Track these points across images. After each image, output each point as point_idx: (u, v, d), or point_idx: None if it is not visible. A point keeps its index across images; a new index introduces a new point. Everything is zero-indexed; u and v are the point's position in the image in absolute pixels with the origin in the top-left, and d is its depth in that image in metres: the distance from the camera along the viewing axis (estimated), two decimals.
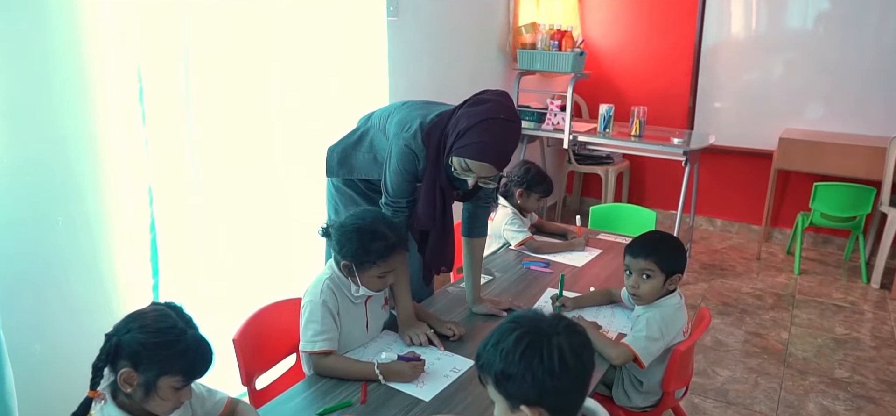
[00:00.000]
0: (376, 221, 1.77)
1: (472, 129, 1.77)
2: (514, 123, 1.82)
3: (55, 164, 1.78)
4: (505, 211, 2.83)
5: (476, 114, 1.79)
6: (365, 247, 1.73)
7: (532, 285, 2.41)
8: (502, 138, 1.78)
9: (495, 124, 1.77)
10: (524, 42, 4.28)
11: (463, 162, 1.79)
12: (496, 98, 1.84)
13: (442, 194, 1.92)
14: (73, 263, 1.86)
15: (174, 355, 1.26)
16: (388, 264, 1.77)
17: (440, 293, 2.31)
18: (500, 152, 1.79)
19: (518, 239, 2.76)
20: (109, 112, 1.89)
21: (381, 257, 1.74)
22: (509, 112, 1.82)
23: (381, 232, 1.74)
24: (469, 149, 1.77)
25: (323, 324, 1.76)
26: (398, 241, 1.76)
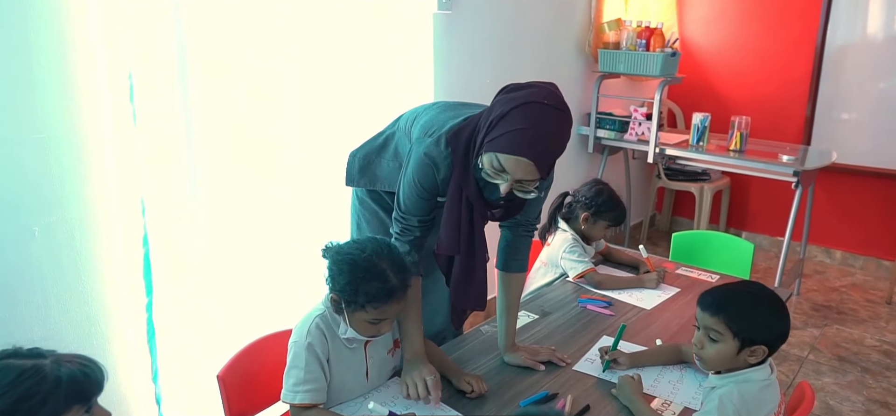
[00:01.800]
0: (379, 255, 1.45)
1: (506, 116, 1.40)
2: (561, 112, 1.42)
3: (32, 168, 1.61)
4: (564, 236, 2.42)
5: (512, 100, 1.42)
6: (355, 285, 1.42)
7: (586, 330, 1.99)
8: (545, 127, 1.39)
9: (536, 110, 1.39)
10: (607, 41, 3.81)
11: (495, 159, 1.42)
12: (540, 84, 1.47)
13: (469, 210, 1.55)
14: (53, 278, 1.68)
15: (42, 401, 1.02)
16: (382, 312, 1.45)
17: (471, 332, 1.96)
18: (542, 144, 1.38)
19: (577, 271, 2.34)
20: (96, 112, 1.70)
21: (372, 301, 1.42)
22: (555, 99, 1.43)
23: (380, 271, 1.42)
24: (501, 140, 1.39)
25: (307, 372, 1.47)
26: (399, 287, 1.44)
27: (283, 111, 2.11)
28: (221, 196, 1.99)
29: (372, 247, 1.46)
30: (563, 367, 1.75)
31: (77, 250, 1.71)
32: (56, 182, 1.65)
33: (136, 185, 1.79)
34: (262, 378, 1.67)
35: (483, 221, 1.60)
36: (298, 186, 2.22)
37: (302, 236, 2.22)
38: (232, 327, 2.05)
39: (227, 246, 2.03)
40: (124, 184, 1.78)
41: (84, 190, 1.70)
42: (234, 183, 2.02)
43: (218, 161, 1.97)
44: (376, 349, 1.61)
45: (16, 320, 1.62)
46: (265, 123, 2.07)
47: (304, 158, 2.21)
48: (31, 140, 1.59)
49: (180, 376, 1.95)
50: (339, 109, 2.30)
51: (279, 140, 2.13)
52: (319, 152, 2.24)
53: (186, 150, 1.87)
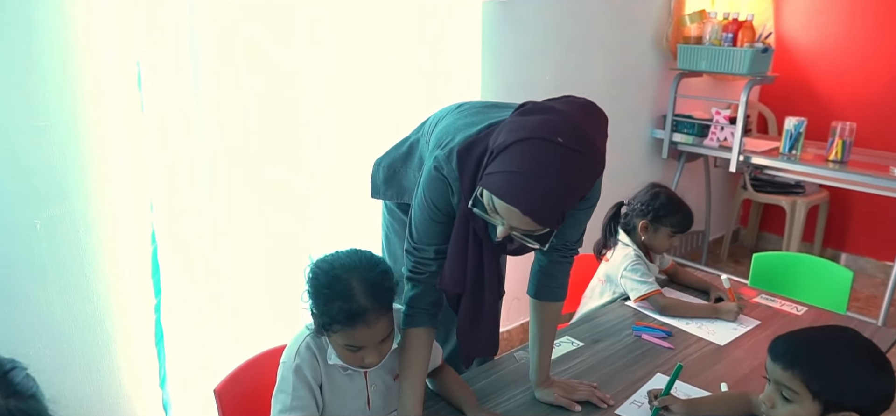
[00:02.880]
0: (350, 270, 1.24)
1: (506, 150, 1.14)
2: (579, 154, 1.12)
3: (33, 157, 1.52)
4: (625, 251, 2.12)
5: (519, 127, 1.15)
6: (322, 304, 1.23)
7: (637, 365, 1.70)
8: (549, 175, 1.10)
9: (540, 150, 1.11)
10: (688, 35, 3.44)
11: (490, 199, 1.18)
12: (563, 109, 1.17)
13: (476, 243, 1.31)
14: (55, 274, 1.60)
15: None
16: (352, 338, 1.24)
17: (503, 359, 1.72)
18: (540, 195, 1.10)
19: (639, 292, 2.04)
20: (102, 99, 1.59)
21: (336, 323, 1.22)
22: (574, 136, 1.12)
23: (344, 290, 1.21)
24: (495, 180, 1.14)
25: (294, 397, 1.30)
26: (369, 309, 1.21)
27: (306, 105, 1.95)
28: (236, 194, 1.86)
29: (346, 260, 1.26)
30: (603, 408, 1.48)
31: (81, 246, 1.62)
32: (58, 173, 1.56)
33: (144, 178, 1.68)
34: (262, 396, 1.51)
35: (494, 255, 1.35)
36: (322, 187, 2.05)
37: (324, 241, 2.05)
38: (246, 333, 1.91)
39: (241, 247, 1.89)
40: (132, 177, 1.67)
41: (88, 182, 1.61)
42: (250, 180, 1.88)
43: (233, 156, 1.83)
44: (380, 375, 1.40)
45: (15, 318, 1.55)
46: (286, 117, 1.92)
47: (329, 157, 2.04)
48: (32, 128, 1.51)
49: (190, 383, 1.83)
50: (370, 107, 2.10)
51: (302, 137, 1.97)
52: (347, 153, 2.06)
53: (198, 142, 1.75)
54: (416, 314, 1.37)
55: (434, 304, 1.38)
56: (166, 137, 1.69)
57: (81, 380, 1.67)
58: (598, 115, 1.20)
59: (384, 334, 1.27)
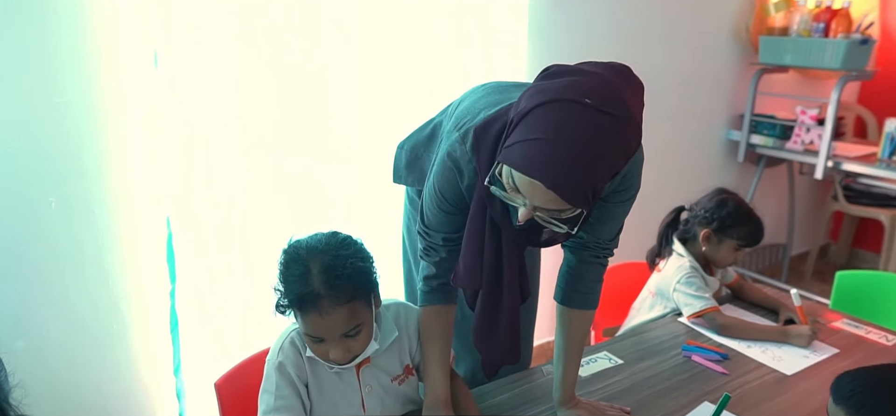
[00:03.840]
0: (315, 253, 1.11)
1: (528, 116, 0.98)
2: (612, 117, 0.94)
3: (50, 134, 1.50)
4: (680, 262, 1.89)
5: (542, 91, 0.98)
6: (283, 286, 1.13)
7: (683, 389, 1.49)
8: (576, 141, 0.93)
9: (566, 112, 0.94)
10: (772, 25, 3.10)
11: (510, 174, 1.01)
12: (593, 71, 1.00)
13: (496, 233, 1.15)
14: (69, 253, 1.58)
15: None
16: (308, 326, 1.13)
17: (531, 372, 1.55)
18: (566, 165, 0.93)
19: (693, 308, 1.81)
20: (120, 77, 1.56)
21: (293, 306, 1.12)
22: (607, 98, 0.95)
23: (303, 271, 1.09)
24: (515, 151, 0.98)
25: (277, 396, 1.20)
26: (321, 295, 1.08)
27: (330, 89, 1.85)
28: (253, 181, 1.79)
29: (315, 242, 1.14)
30: None
31: (97, 226, 1.60)
32: (74, 151, 1.54)
33: (159, 162, 1.64)
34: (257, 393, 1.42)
35: (516, 248, 1.18)
36: (345, 174, 1.95)
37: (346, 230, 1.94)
38: (261, 325, 1.84)
39: (258, 236, 1.82)
40: (148, 160, 1.64)
41: (104, 162, 1.58)
42: (269, 167, 1.80)
43: (251, 144, 1.77)
44: (375, 374, 1.27)
45: (29, 297, 1.54)
46: (308, 104, 1.82)
47: (353, 143, 1.93)
48: (50, 105, 1.49)
49: (203, 372, 1.78)
50: (401, 93, 1.98)
51: (324, 121, 1.87)
52: (373, 140, 1.94)
53: (215, 129, 1.69)
54: (431, 292, 1.28)
55: (447, 281, 1.26)
56: (183, 124, 1.64)
57: (95, 363, 1.65)
58: (633, 81, 1.02)
59: (343, 327, 1.13)
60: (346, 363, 1.18)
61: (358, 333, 1.16)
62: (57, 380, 1.59)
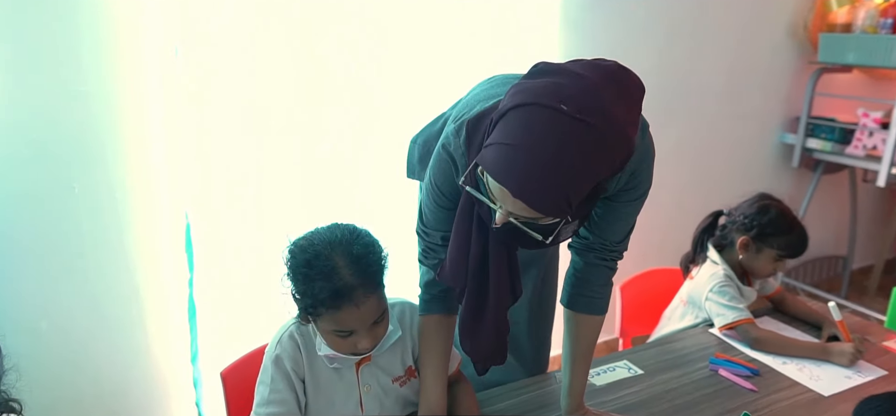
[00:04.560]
0: (332, 245, 1.09)
1: (503, 118, 0.93)
2: (586, 125, 0.86)
3: (73, 120, 1.54)
4: (713, 270, 1.79)
5: (521, 91, 0.93)
6: (303, 286, 1.09)
7: (704, 404, 1.39)
8: (545, 151, 0.87)
9: (538, 119, 0.88)
10: (834, 22, 2.90)
11: (486, 175, 0.96)
12: (578, 71, 0.92)
13: (481, 231, 1.10)
14: (92, 236, 1.62)
15: None
16: (340, 321, 1.09)
17: (544, 378, 1.49)
18: (532, 176, 0.87)
19: (725, 319, 1.70)
20: (142, 67, 1.59)
21: (321, 306, 1.08)
22: (584, 104, 0.87)
23: (330, 267, 1.06)
24: (486, 153, 0.93)
25: (272, 390, 1.18)
26: (355, 286, 1.06)
27: (350, 82, 1.83)
28: (271, 174, 1.79)
29: (326, 235, 1.11)
30: None
31: (118, 213, 1.63)
32: (96, 139, 1.57)
33: (179, 153, 1.67)
34: None
35: (505, 248, 1.12)
36: (362, 168, 1.92)
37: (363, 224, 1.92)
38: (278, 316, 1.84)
39: (276, 229, 1.82)
40: (168, 150, 1.66)
41: (126, 151, 1.61)
42: (287, 160, 1.80)
43: (270, 135, 1.76)
44: (374, 374, 1.24)
45: (50, 280, 1.59)
46: (327, 94, 1.81)
47: (372, 137, 1.90)
48: (73, 93, 1.53)
49: (221, 362, 1.79)
50: (426, 88, 1.93)
51: (342, 115, 1.85)
52: (391, 133, 1.91)
53: (234, 117, 1.70)
54: (431, 300, 1.24)
55: (448, 289, 1.21)
56: (202, 115, 1.66)
57: (114, 347, 1.69)
58: (627, 83, 0.94)
59: (375, 314, 1.11)
60: (371, 350, 1.16)
61: (383, 318, 1.14)
62: (77, 362, 1.64)
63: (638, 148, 1.07)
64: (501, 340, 1.19)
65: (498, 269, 1.12)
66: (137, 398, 1.73)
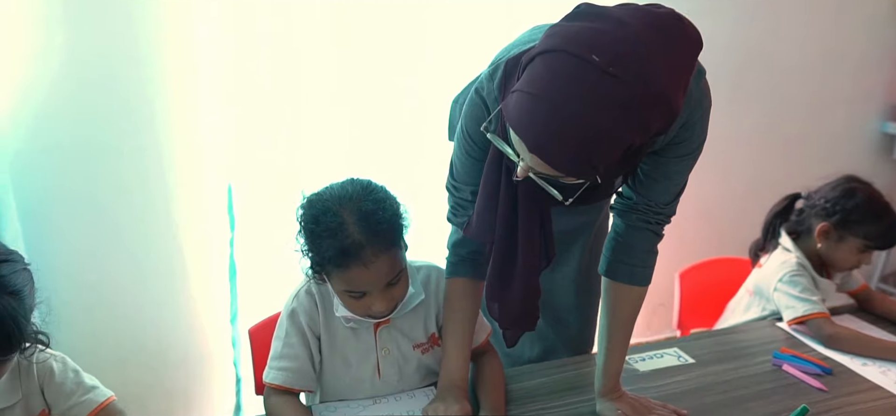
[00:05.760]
0: (342, 201, 1.04)
1: (532, 63, 0.84)
2: (619, 82, 0.76)
3: (125, 85, 1.58)
4: (784, 258, 1.61)
5: (555, 35, 0.83)
6: (312, 242, 1.05)
7: (763, 400, 1.24)
8: (567, 102, 0.78)
9: (568, 67, 0.78)
10: None
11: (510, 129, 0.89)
12: (622, 17, 0.81)
13: (510, 184, 1.01)
14: (139, 196, 1.66)
15: None
16: (350, 281, 1.04)
17: (586, 358, 1.39)
18: (548, 128, 0.80)
19: (796, 312, 1.52)
20: (189, 36, 1.61)
21: (332, 263, 1.02)
22: (620, 57, 0.77)
23: (338, 223, 1.01)
24: (510, 101, 0.85)
25: (285, 344, 1.15)
26: (364, 244, 1.00)
27: (393, 52, 1.79)
28: (313, 135, 1.77)
29: (338, 190, 1.06)
30: None
31: (164, 175, 1.67)
32: (146, 103, 1.61)
33: (224, 119, 1.69)
34: None
35: (535, 204, 1.03)
36: (404, 132, 1.86)
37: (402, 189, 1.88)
38: None
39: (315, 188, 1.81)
40: (214, 116, 1.68)
41: (173, 115, 1.64)
42: (327, 123, 1.78)
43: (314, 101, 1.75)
44: (394, 337, 1.18)
45: (99, 233, 1.64)
46: (368, 62, 1.77)
47: (411, 100, 1.84)
48: (126, 56, 1.57)
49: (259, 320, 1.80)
50: (464, 48, 1.85)
51: (383, 83, 1.81)
52: (432, 96, 1.84)
53: (276, 84, 1.70)
54: (459, 263, 1.17)
55: (477, 252, 1.14)
56: (246, 85, 1.67)
57: (159, 304, 1.73)
58: (679, 37, 0.82)
59: (387, 275, 1.05)
60: (387, 313, 1.11)
61: (399, 280, 1.09)
62: (122, 314, 1.69)
63: (690, 96, 0.96)
64: (531, 304, 1.10)
65: (528, 225, 1.03)
66: (179, 354, 1.76)
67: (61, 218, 1.59)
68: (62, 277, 1.61)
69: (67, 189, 1.59)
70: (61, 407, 1.06)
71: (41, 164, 1.56)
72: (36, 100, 1.52)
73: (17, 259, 1.00)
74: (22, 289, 0.97)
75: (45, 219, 1.58)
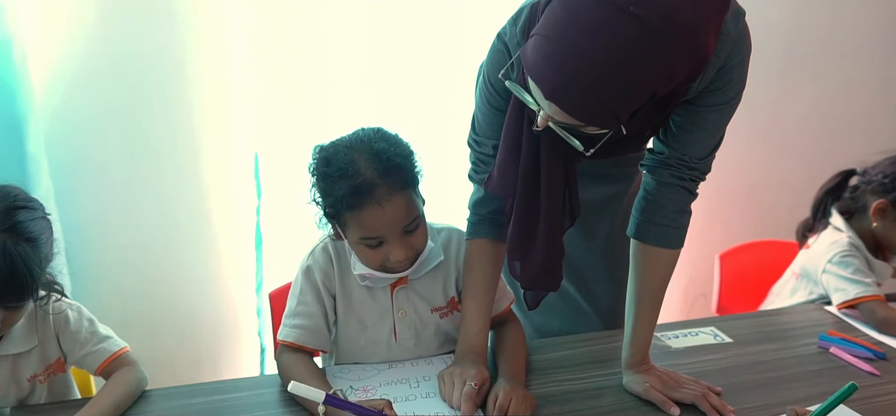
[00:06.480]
0: (357, 143, 1.02)
1: (551, 5, 0.80)
2: (640, 23, 0.71)
3: (156, 40, 1.57)
4: (835, 237, 1.51)
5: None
6: (325, 186, 1.02)
7: (804, 382, 1.15)
8: (585, 44, 0.73)
9: (587, 8, 0.74)
10: None
11: None
12: None
13: (533, 134, 0.95)
14: (168, 156, 1.66)
15: None
16: (366, 224, 1.00)
17: (614, 335, 1.31)
18: (564, 71, 0.75)
19: (847, 295, 1.42)
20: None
21: (345, 205, 0.99)
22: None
23: (350, 163, 0.99)
24: (528, 45, 0.81)
25: (299, 300, 1.13)
26: (377, 182, 0.98)
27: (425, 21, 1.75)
28: (340, 102, 1.75)
29: (351, 138, 1.04)
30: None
31: (195, 135, 1.66)
32: (177, 60, 1.60)
33: (253, 81, 1.67)
34: None
35: (560, 156, 0.97)
36: (431, 108, 1.82)
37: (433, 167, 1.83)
38: None
39: None
40: (243, 78, 1.67)
41: (204, 74, 1.63)
42: (359, 98, 1.75)
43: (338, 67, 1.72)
44: (411, 299, 1.14)
45: (129, 193, 1.64)
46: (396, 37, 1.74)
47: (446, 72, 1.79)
48: (158, 10, 1.56)
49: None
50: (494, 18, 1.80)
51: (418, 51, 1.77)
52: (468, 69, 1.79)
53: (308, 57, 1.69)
54: (479, 222, 1.13)
55: (499, 211, 1.10)
56: (277, 51, 1.66)
57: (187, 266, 1.73)
58: None
59: (403, 218, 1.02)
60: (409, 266, 1.08)
61: (417, 227, 1.05)
62: (151, 276, 1.69)
63: (727, 38, 0.89)
64: (554, 264, 1.04)
65: (551, 178, 0.98)
66: (206, 320, 1.76)
67: (94, 175, 1.61)
68: (94, 236, 1.63)
69: (99, 145, 1.60)
70: (76, 355, 1.06)
71: (75, 125, 1.57)
72: (72, 63, 1.53)
73: (37, 207, 1.01)
74: (39, 237, 0.97)
75: (76, 179, 1.60)
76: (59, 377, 1.08)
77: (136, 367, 1.07)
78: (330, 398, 0.89)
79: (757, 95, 2.18)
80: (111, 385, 1.03)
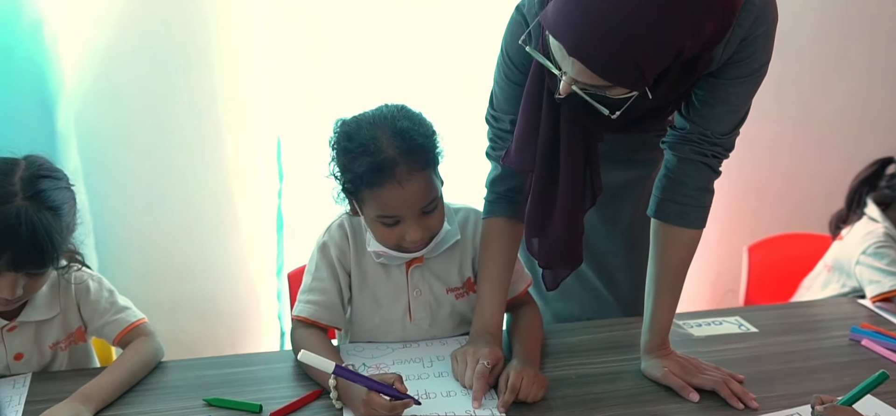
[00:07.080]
0: (379, 119, 1.01)
1: None
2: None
3: (181, 19, 1.60)
4: (870, 228, 1.45)
5: None
6: (345, 161, 1.02)
7: (832, 372, 1.11)
8: (609, 4, 0.74)
9: None
10: None
11: (549, 36, 0.82)
12: None
13: (552, 103, 0.94)
14: (192, 139, 1.68)
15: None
16: (384, 202, 1.00)
17: (634, 322, 1.28)
18: (592, 28, 0.75)
19: (881, 287, 1.37)
20: None
21: (365, 182, 0.98)
22: None
23: (371, 139, 0.98)
24: (550, 6, 0.80)
25: (315, 276, 1.13)
26: (397, 161, 0.97)
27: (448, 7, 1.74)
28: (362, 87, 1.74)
29: (373, 114, 1.03)
30: (738, 409, 0.98)
31: (217, 118, 1.68)
32: (202, 40, 1.62)
33: (274, 67, 1.68)
34: None
35: (580, 129, 0.95)
36: (451, 93, 1.80)
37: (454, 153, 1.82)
38: None
39: None
40: (265, 64, 1.68)
41: (229, 56, 1.65)
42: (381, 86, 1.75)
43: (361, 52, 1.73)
44: (426, 278, 1.13)
45: (154, 172, 1.67)
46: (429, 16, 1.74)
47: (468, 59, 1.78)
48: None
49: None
50: None
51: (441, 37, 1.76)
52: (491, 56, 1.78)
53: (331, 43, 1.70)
54: (496, 200, 1.11)
55: (516, 189, 1.08)
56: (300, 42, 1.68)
57: (208, 250, 1.75)
58: None
59: (421, 199, 1.01)
60: (424, 246, 1.07)
61: (435, 208, 1.04)
62: (173, 257, 1.72)
63: (752, 6, 0.86)
64: (572, 241, 1.03)
65: (571, 153, 0.96)
66: (227, 302, 1.78)
67: (118, 153, 1.64)
68: (119, 216, 1.66)
69: (126, 120, 1.63)
70: (95, 324, 1.08)
71: (104, 105, 1.61)
72: (101, 45, 1.57)
73: (61, 177, 1.02)
74: (61, 206, 0.99)
75: (104, 158, 1.63)
76: (79, 345, 1.10)
77: (153, 338, 1.08)
78: (340, 368, 0.89)
79: (788, 85, 2.13)
80: (127, 355, 1.04)
